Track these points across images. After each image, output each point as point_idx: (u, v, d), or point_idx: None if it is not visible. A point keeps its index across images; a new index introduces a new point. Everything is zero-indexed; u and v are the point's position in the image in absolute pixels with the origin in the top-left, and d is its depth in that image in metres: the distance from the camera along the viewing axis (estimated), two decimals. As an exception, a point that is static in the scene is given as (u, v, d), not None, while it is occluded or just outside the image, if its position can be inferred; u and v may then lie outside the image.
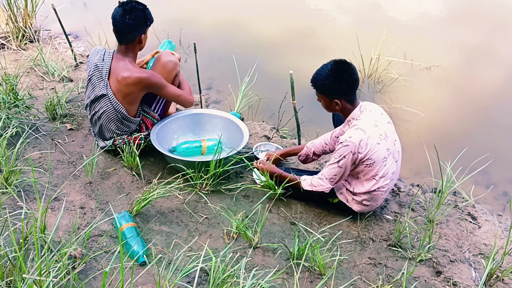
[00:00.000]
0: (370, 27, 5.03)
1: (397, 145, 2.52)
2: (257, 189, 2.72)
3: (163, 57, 2.87)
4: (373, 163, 2.41)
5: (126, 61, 2.68)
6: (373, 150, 2.38)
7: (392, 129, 2.52)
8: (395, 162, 2.51)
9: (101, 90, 2.71)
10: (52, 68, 3.80)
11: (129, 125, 2.81)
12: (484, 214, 2.88)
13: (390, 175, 2.49)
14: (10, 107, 3.00)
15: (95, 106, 2.77)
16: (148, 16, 2.66)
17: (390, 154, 2.45)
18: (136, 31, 2.64)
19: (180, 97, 2.86)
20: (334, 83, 2.39)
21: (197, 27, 4.99)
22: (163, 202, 2.57)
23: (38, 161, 2.73)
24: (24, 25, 4.30)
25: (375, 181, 2.47)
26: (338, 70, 2.37)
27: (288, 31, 5.03)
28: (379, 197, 2.55)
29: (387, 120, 2.52)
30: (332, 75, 2.37)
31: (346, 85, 2.40)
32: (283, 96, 3.59)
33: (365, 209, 2.60)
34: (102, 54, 2.73)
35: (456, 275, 2.36)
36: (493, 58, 4.66)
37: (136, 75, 2.64)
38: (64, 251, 1.85)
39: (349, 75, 2.38)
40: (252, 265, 2.22)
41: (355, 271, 2.31)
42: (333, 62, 2.39)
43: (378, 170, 2.44)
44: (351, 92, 2.43)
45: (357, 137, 2.36)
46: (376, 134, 2.40)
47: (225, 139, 2.98)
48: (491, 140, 3.61)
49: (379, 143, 2.39)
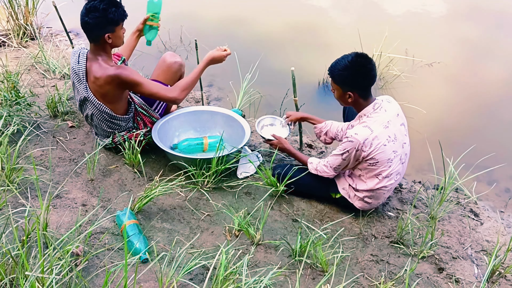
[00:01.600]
0: (372, 23, 5.01)
1: (406, 148, 2.50)
2: (259, 186, 2.72)
3: (168, 58, 2.86)
4: (376, 163, 2.40)
5: (99, 60, 2.60)
6: (377, 151, 2.36)
7: (404, 131, 2.48)
8: (401, 164, 2.49)
9: (82, 93, 2.67)
10: (53, 66, 3.79)
11: (119, 123, 2.77)
12: (486, 211, 2.87)
13: (394, 176, 2.48)
14: (11, 104, 2.99)
15: (84, 109, 2.76)
16: (109, 15, 2.50)
17: (396, 156, 2.43)
18: (98, 30, 2.53)
19: (157, 95, 2.64)
20: (351, 75, 2.36)
21: (198, 24, 4.98)
22: (164, 200, 2.56)
23: (39, 159, 2.73)
24: (25, 22, 4.29)
25: (378, 180, 2.46)
26: (358, 63, 2.34)
27: (289, 28, 5.02)
28: (381, 196, 2.54)
29: (401, 122, 2.47)
30: (350, 67, 2.34)
31: (363, 80, 2.37)
32: (284, 93, 3.58)
33: (366, 207, 2.60)
34: (77, 57, 2.67)
35: (458, 271, 2.36)
36: (496, 54, 4.65)
37: (107, 73, 2.55)
38: (67, 249, 1.85)
39: (367, 70, 2.36)
40: (254, 262, 2.22)
41: (357, 268, 2.31)
42: (355, 54, 2.36)
43: (382, 170, 2.43)
44: (366, 87, 2.41)
45: (362, 135, 2.35)
46: (384, 135, 2.37)
47: (226, 136, 2.97)
48: (493, 136, 3.60)
49: (385, 144, 2.37)
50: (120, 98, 2.70)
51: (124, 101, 2.75)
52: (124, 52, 3.00)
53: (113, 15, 2.52)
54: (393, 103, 2.51)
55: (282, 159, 3.07)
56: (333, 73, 2.42)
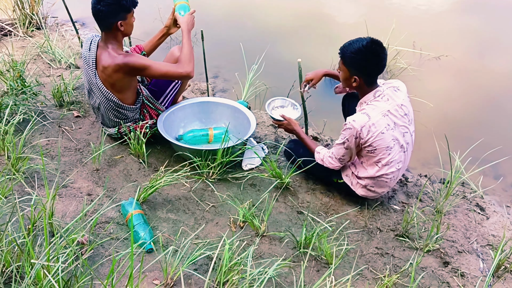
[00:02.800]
0: (380, 16, 4.97)
1: (408, 137, 2.48)
2: (264, 178, 2.71)
3: (177, 52, 2.86)
4: (374, 150, 2.39)
5: (109, 49, 2.60)
6: (375, 138, 2.36)
7: (407, 121, 2.46)
8: (403, 152, 2.48)
9: (92, 81, 2.69)
10: (59, 55, 3.79)
11: (126, 113, 2.77)
12: (492, 205, 2.86)
13: (396, 164, 2.46)
14: (17, 93, 2.99)
15: (92, 97, 2.77)
16: (122, 2, 2.52)
17: (396, 144, 2.42)
18: (111, 18, 2.54)
19: (168, 73, 2.67)
20: (362, 60, 2.34)
21: (204, 15, 4.93)
22: (170, 190, 2.56)
23: (45, 148, 2.73)
24: (31, 12, 4.28)
25: (378, 168, 2.45)
26: (372, 49, 2.32)
27: (296, 19, 4.98)
28: (384, 185, 2.53)
29: (404, 112, 2.44)
30: (364, 52, 2.31)
31: (373, 67, 2.37)
32: (290, 85, 3.56)
33: (369, 194, 2.58)
34: (89, 44, 2.68)
35: (463, 265, 2.35)
36: (504, 48, 4.60)
37: (116, 62, 2.56)
38: (72, 238, 1.85)
39: (379, 59, 2.34)
40: (258, 253, 2.22)
41: (362, 260, 2.31)
42: (370, 39, 2.33)
43: (381, 158, 2.42)
44: (374, 74, 2.40)
45: (360, 122, 2.35)
46: (383, 123, 2.36)
47: (232, 127, 2.96)
48: (500, 130, 3.57)
49: (383, 132, 2.36)
50: (129, 88, 2.70)
51: (133, 91, 2.75)
52: (147, 47, 2.99)
53: (126, 1, 2.54)
54: (400, 92, 2.47)
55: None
56: (344, 54, 2.39)
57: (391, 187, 2.60)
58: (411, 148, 2.55)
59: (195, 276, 1.98)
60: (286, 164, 2.91)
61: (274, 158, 2.89)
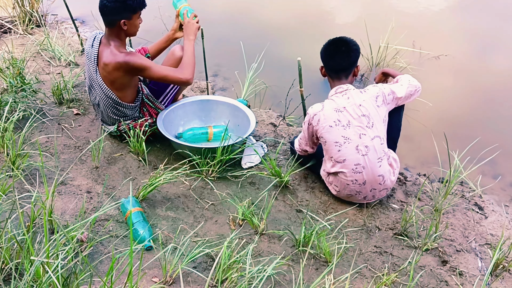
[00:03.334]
0: (379, 14, 4.96)
1: (366, 140, 2.45)
2: (264, 177, 2.72)
3: (177, 52, 2.84)
4: (325, 142, 2.52)
5: (111, 46, 2.60)
6: (323, 130, 2.49)
7: (365, 122, 2.46)
8: (362, 156, 2.46)
9: (92, 77, 2.69)
10: (58, 53, 3.79)
11: (125, 111, 2.77)
12: (491, 204, 2.86)
13: (351, 165, 2.47)
14: (17, 91, 3.00)
15: (93, 93, 2.77)
16: (128, 2, 2.51)
17: (347, 143, 2.45)
18: (115, 15, 2.54)
19: (168, 77, 2.66)
20: (323, 51, 2.61)
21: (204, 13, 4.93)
22: (169, 188, 2.57)
23: (44, 145, 2.73)
24: (31, 9, 4.28)
25: (332, 163, 2.54)
26: (333, 43, 2.57)
27: (296, 18, 4.98)
28: (346, 187, 2.54)
29: (362, 113, 2.47)
30: (326, 45, 2.60)
31: (329, 59, 2.58)
32: (290, 83, 3.56)
33: (339, 195, 2.63)
34: (92, 40, 2.69)
35: (462, 264, 2.36)
36: (503, 47, 4.60)
37: (116, 60, 2.56)
38: (72, 235, 1.85)
39: (336, 52, 2.56)
40: (257, 251, 2.22)
41: (360, 259, 2.31)
42: (338, 37, 2.58)
43: (332, 153, 2.51)
44: (332, 67, 2.58)
45: (314, 110, 2.53)
46: (333, 117, 2.47)
47: (232, 126, 2.96)
48: (500, 129, 3.57)
49: (331, 126, 2.47)
50: (129, 86, 2.70)
51: (133, 89, 2.75)
52: (152, 50, 2.99)
53: (132, 2, 2.53)
54: (365, 94, 2.52)
55: (286, 150, 3.06)
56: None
57: (357, 194, 2.57)
58: (375, 155, 2.48)
59: (194, 274, 1.98)
60: (286, 163, 2.91)
61: (274, 156, 2.90)
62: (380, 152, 2.50)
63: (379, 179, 2.52)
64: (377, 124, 2.49)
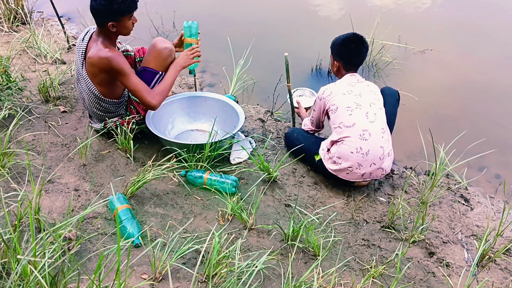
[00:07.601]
0: (364, 10, 4.99)
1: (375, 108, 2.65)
2: (252, 172, 2.72)
3: (158, 44, 2.80)
4: (336, 109, 2.63)
5: (99, 41, 2.59)
6: (335, 97, 2.64)
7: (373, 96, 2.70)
8: (370, 122, 2.60)
9: (79, 71, 2.70)
10: (44, 50, 3.75)
11: (108, 107, 2.75)
12: (476, 196, 2.90)
13: (359, 131, 2.57)
14: (2, 89, 2.97)
15: (79, 87, 2.77)
16: (114, 6, 2.46)
17: (358, 109, 2.61)
18: (102, 17, 2.52)
19: (138, 93, 2.59)
20: (340, 46, 2.74)
21: (191, 9, 4.93)
22: (157, 185, 2.57)
23: (31, 144, 2.71)
24: (16, 6, 4.23)
25: (341, 129, 2.62)
26: (349, 38, 2.72)
27: (282, 13, 4.99)
28: (349, 158, 2.58)
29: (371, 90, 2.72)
30: (342, 39, 2.74)
31: (347, 52, 2.72)
32: (277, 79, 3.57)
33: (338, 170, 2.65)
34: (83, 34, 2.71)
35: (448, 256, 2.39)
36: (487, 41, 4.65)
37: (99, 54, 2.54)
38: (59, 233, 1.85)
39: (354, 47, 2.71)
40: (247, 246, 2.23)
41: (349, 252, 2.34)
42: (352, 33, 2.74)
43: (342, 118, 2.61)
44: (349, 60, 2.74)
45: (326, 86, 2.75)
46: (346, 88, 2.67)
47: (221, 121, 2.96)
48: (484, 123, 3.62)
49: (344, 94, 2.65)
50: (111, 83, 2.68)
51: (116, 87, 2.73)
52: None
53: (118, 6, 2.48)
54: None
55: (274, 146, 3.07)
56: (332, 44, 2.81)
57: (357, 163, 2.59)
58: (380, 125, 2.63)
59: (184, 270, 1.99)
60: (274, 158, 2.93)
61: (262, 151, 2.91)
62: (384, 123, 2.67)
63: (380, 152, 2.60)
64: (381, 102, 2.73)
